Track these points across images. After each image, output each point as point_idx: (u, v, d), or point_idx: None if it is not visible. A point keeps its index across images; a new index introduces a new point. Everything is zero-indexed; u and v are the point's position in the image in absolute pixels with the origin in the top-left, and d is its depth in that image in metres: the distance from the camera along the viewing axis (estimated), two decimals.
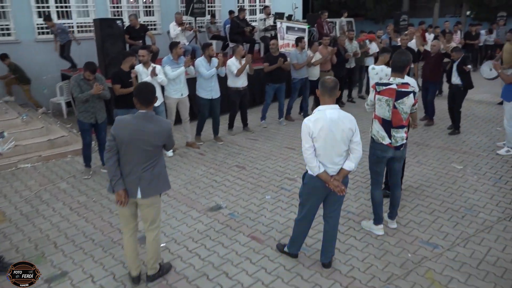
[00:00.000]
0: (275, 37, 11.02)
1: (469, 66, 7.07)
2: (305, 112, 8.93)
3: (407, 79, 4.67)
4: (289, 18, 11.13)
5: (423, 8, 24.49)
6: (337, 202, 3.51)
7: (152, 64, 6.21)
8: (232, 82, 7.39)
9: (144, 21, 11.04)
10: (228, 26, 10.90)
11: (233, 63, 7.26)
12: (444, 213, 4.61)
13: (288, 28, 10.33)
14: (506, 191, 5.13)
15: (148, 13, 11.55)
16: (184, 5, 11.05)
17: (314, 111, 3.35)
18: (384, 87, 3.85)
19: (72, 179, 5.79)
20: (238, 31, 10.35)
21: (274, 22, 10.77)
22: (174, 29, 9.34)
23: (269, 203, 4.96)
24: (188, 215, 4.69)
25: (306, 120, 3.29)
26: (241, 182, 5.59)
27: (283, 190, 5.31)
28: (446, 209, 4.71)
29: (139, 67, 6.16)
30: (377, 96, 3.88)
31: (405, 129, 3.93)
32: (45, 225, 4.48)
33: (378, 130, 3.95)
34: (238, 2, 13.18)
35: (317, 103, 9.11)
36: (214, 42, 11.35)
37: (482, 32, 15.05)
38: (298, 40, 8.33)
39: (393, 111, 3.82)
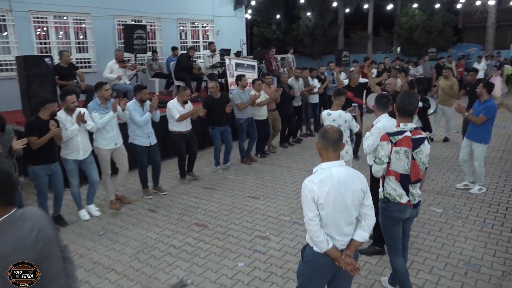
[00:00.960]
0: (223, 74, 10.48)
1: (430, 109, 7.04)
2: (262, 152, 8.31)
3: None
4: (238, 54, 10.69)
5: (357, 44, 25.62)
6: (347, 282, 2.78)
7: (78, 108, 5.23)
8: (174, 126, 6.59)
9: (77, 59, 9.96)
10: (172, 63, 10.14)
11: (175, 106, 6.50)
12: (444, 271, 4.05)
13: (238, 65, 9.84)
14: (497, 237, 4.75)
15: (82, 49, 10.47)
16: (122, 41, 10.17)
17: (315, 169, 2.66)
18: (399, 136, 3.23)
19: None
20: (186, 68, 9.61)
21: (222, 59, 10.20)
22: (112, 68, 8.36)
23: (243, 272, 4.11)
24: None
25: (307, 181, 2.59)
26: (205, 246, 4.68)
27: (257, 254, 4.48)
28: (445, 265, 4.17)
29: (61, 115, 5.11)
30: (394, 148, 3.24)
31: (419, 183, 3.36)
32: None
33: (394, 187, 3.31)
34: (180, 38, 12.57)
35: (265, 140, 8.50)
36: (156, 80, 10.52)
37: (409, 67, 15.82)
38: (238, 78, 7.75)
39: (412, 163, 3.22)
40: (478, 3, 20.00)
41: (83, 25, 10.44)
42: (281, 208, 5.75)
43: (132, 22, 10.96)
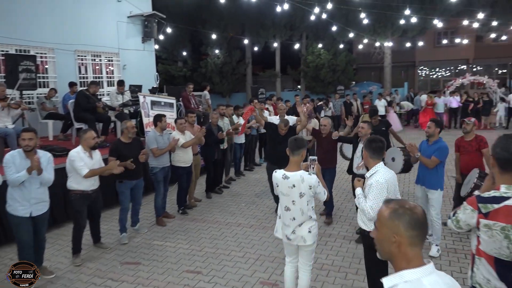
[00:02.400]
0: (135, 114, 8.97)
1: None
2: (183, 206, 6.90)
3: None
4: (153, 91, 9.26)
5: (265, 82, 25.69)
6: None
7: None
8: (76, 183, 4.90)
9: None
10: (71, 101, 8.34)
11: (80, 157, 4.85)
12: None
13: (154, 103, 8.44)
14: None
15: None
16: (4, 74, 8.14)
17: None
18: (495, 206, 2.15)
19: None
20: (88, 107, 7.90)
21: (134, 96, 8.71)
22: None
23: None
24: None
25: None
26: None
27: None
28: None
29: None
30: (484, 221, 2.18)
31: None
32: None
33: (487, 276, 2.21)
34: (79, 72, 10.73)
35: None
36: (50, 122, 8.59)
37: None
38: (157, 119, 6.33)
39: None
40: (377, 44, 21.41)
41: None
42: (234, 284, 4.43)
43: (17, 52, 8.96)
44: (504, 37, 21.64)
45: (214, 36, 20.73)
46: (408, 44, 22.07)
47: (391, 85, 22.21)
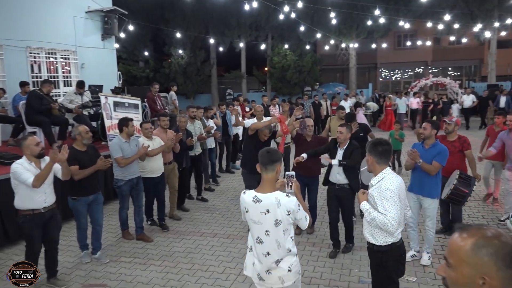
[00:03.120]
0: (96, 116, 8.27)
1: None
2: (151, 217, 6.29)
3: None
4: (116, 91, 8.55)
5: (231, 83, 25.18)
6: None
7: None
8: (23, 200, 4.09)
9: None
10: (22, 102, 7.51)
11: (24, 168, 4.04)
12: None
13: (117, 104, 7.77)
14: None
15: None
16: None
17: None
18: None
19: None
20: (42, 109, 7.12)
21: (95, 97, 8.00)
22: None
23: None
24: None
25: None
26: None
27: None
28: None
29: None
30: None
31: None
32: None
33: None
34: (32, 71, 9.82)
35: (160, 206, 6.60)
36: None
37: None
38: (123, 123, 5.50)
39: None
40: (343, 45, 21.50)
41: None
42: None
43: None
44: (464, 40, 22.32)
45: (178, 35, 19.98)
46: (373, 46, 22.34)
47: (356, 86, 22.38)
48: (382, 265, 3.04)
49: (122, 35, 15.91)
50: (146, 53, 23.95)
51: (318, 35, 19.82)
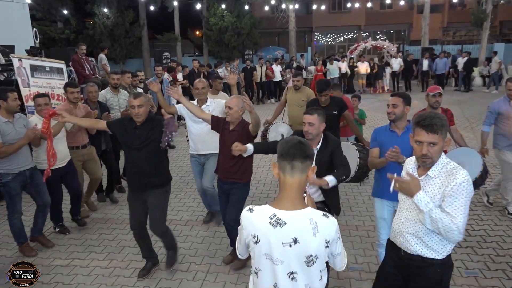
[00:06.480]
0: (9, 83, 6.78)
1: None
2: (61, 222, 4.81)
3: None
4: (33, 52, 7.00)
5: (164, 47, 23.35)
6: None
7: None
8: None
9: None
10: None
11: None
12: None
13: (35, 69, 6.37)
14: None
15: None
16: None
17: None
18: None
19: None
20: None
21: (7, 59, 6.50)
22: None
23: None
24: None
25: None
26: None
27: None
28: None
29: None
30: None
31: None
32: None
33: None
34: None
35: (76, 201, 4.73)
36: None
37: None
38: (1, 95, 3.93)
39: None
40: (283, 6, 20.64)
41: None
42: None
43: None
44: (397, 4, 22.48)
45: None
46: (314, 7, 21.71)
47: (296, 50, 21.87)
48: (440, 284, 2.22)
49: None
50: (65, 12, 21.24)
51: None
